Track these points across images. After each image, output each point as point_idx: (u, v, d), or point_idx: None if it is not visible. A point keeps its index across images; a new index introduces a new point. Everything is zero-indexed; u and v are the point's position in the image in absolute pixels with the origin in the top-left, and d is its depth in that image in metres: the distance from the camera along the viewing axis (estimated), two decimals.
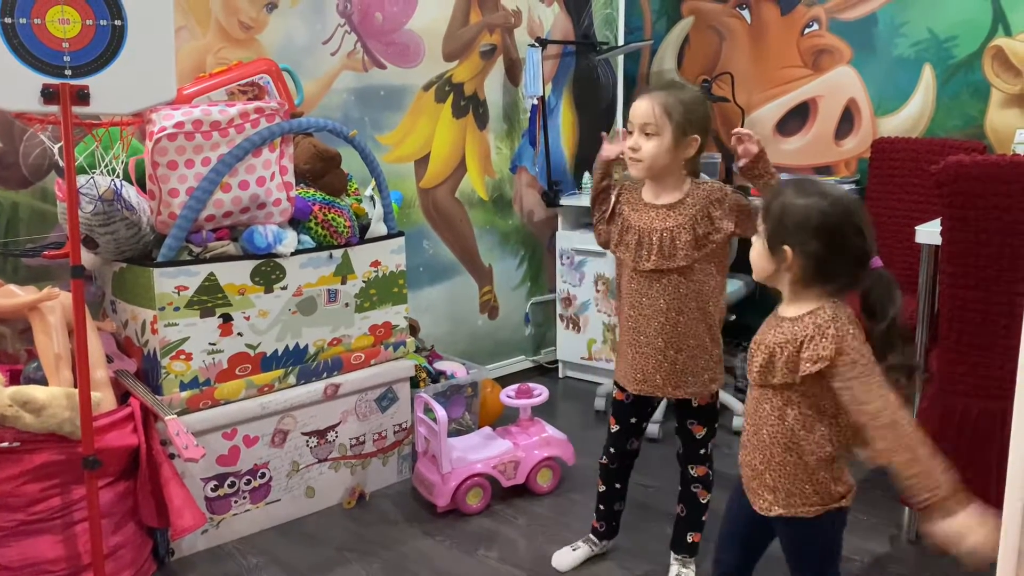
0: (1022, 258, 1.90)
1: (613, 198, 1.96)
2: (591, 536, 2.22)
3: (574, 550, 2.20)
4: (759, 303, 1.71)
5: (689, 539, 2.07)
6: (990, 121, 2.96)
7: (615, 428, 2.07)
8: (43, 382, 1.97)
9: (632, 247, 1.87)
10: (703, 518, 2.05)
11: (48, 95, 1.71)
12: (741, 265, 1.80)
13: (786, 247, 1.37)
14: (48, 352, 1.98)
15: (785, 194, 1.40)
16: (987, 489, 2.02)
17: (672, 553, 2.11)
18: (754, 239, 1.45)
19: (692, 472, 2.02)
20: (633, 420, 2.05)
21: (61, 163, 1.78)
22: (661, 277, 1.85)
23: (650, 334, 1.88)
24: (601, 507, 2.18)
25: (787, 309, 1.43)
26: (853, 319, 1.37)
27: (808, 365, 1.34)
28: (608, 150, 1.97)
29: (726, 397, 3.13)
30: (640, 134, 1.82)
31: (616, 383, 2.04)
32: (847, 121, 3.32)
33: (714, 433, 2.01)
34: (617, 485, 2.14)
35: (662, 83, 1.89)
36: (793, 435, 1.42)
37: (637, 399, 2.00)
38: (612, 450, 2.10)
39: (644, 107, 1.80)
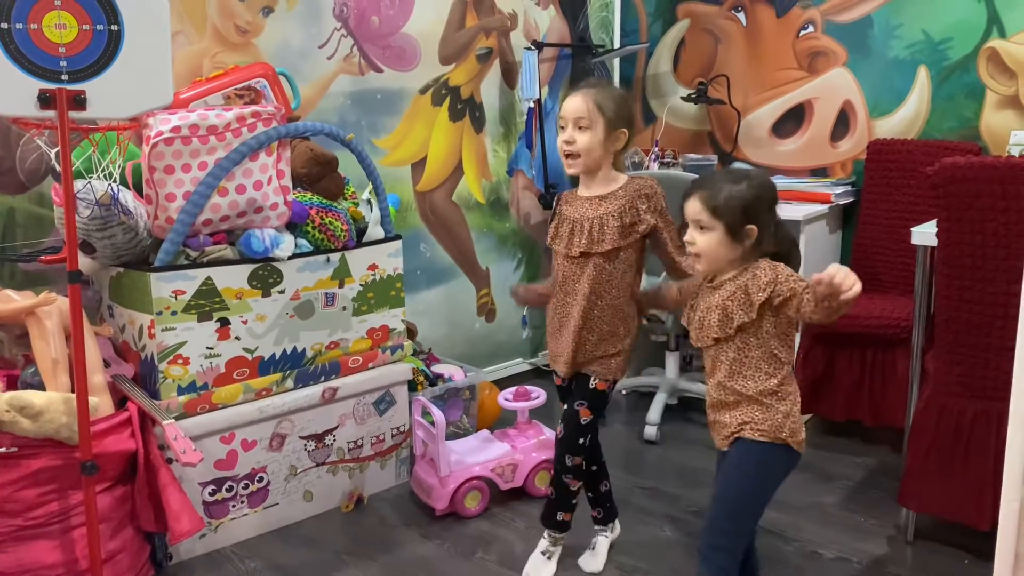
0: (1018, 259, 1.91)
1: (555, 205, 2.08)
2: (596, 528, 2.26)
3: (593, 548, 2.23)
4: None
5: (559, 517, 2.14)
6: (985, 123, 2.97)
7: (564, 407, 2.12)
8: (40, 387, 1.97)
9: (565, 237, 1.99)
10: (573, 501, 2.13)
11: (45, 100, 1.71)
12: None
13: (750, 226, 1.58)
14: (45, 357, 1.98)
15: (722, 187, 1.60)
16: (983, 490, 2.03)
17: (545, 529, 2.17)
18: (700, 237, 1.61)
19: (568, 462, 2.06)
20: None
21: (58, 168, 1.78)
22: (587, 262, 1.96)
23: (573, 316, 2.00)
24: (589, 494, 2.22)
25: (719, 279, 1.65)
26: None
27: (760, 295, 1.56)
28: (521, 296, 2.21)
29: None
30: (574, 128, 1.93)
31: (553, 371, 2.13)
32: (843, 123, 3.32)
33: (595, 427, 2.06)
34: (593, 467, 2.18)
35: (591, 82, 2.04)
36: (743, 373, 1.62)
37: (572, 380, 2.08)
38: None
39: (577, 102, 1.92)
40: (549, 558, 2.17)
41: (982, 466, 2.04)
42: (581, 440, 2.04)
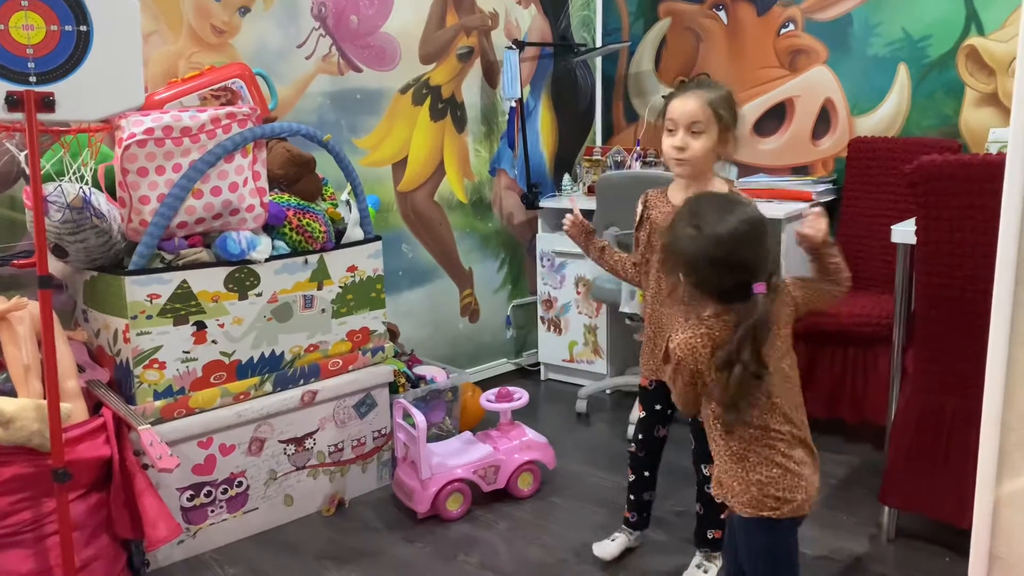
0: (995, 257, 1.91)
1: (640, 208, 2.01)
2: (624, 527, 2.23)
3: (612, 540, 2.21)
4: None
5: (710, 535, 2.09)
6: (964, 120, 2.98)
7: (642, 415, 2.12)
8: (12, 394, 1.94)
9: (658, 249, 1.91)
10: (721, 516, 2.04)
11: (12, 102, 1.68)
12: None
13: (679, 273, 1.51)
14: (17, 363, 1.95)
15: (679, 223, 1.50)
16: (964, 488, 2.03)
17: (696, 548, 2.13)
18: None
19: (705, 471, 2.03)
20: (658, 407, 2.09)
21: (28, 171, 1.75)
22: None
23: (672, 328, 1.93)
24: (631, 497, 2.20)
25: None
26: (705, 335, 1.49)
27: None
28: (571, 227, 2.10)
29: None
30: (687, 133, 1.86)
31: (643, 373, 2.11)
32: (824, 121, 3.33)
33: None
34: (646, 473, 2.16)
35: (702, 82, 1.94)
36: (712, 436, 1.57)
37: (660, 386, 2.04)
38: (640, 436, 2.13)
39: (693, 105, 1.84)
40: (705, 572, 2.09)
41: (963, 464, 2.04)
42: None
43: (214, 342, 2.25)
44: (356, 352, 2.57)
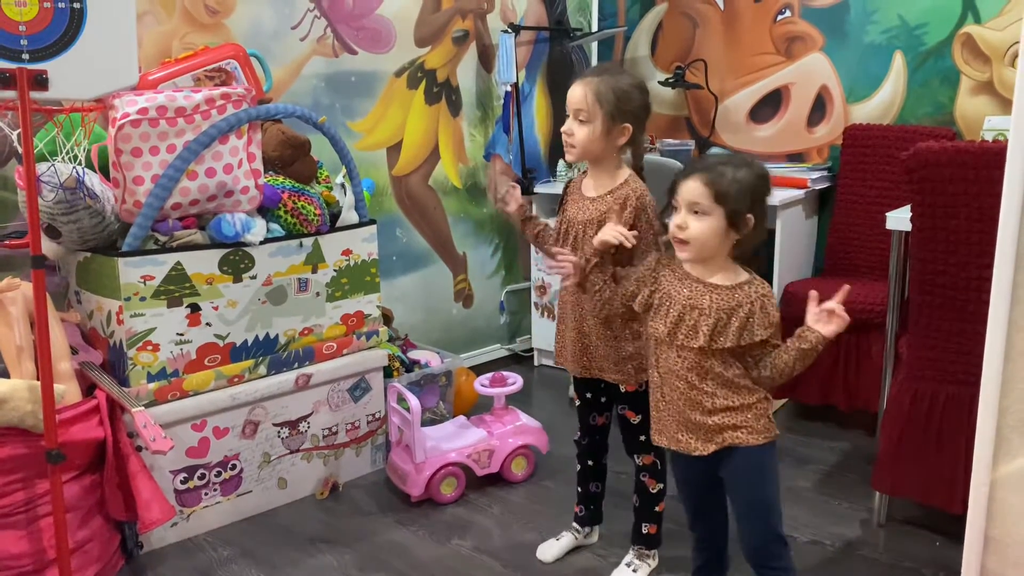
0: (990, 244, 1.90)
1: (563, 193, 1.99)
2: (574, 524, 2.22)
3: (558, 540, 2.20)
4: None
5: (644, 530, 2.06)
6: (959, 108, 2.98)
7: (578, 402, 2.11)
8: (4, 375, 1.92)
9: (562, 236, 1.93)
10: (656, 509, 2.04)
11: (5, 80, 1.66)
12: None
13: (749, 216, 1.53)
14: (9, 344, 1.94)
15: (723, 171, 1.53)
16: (955, 474, 2.05)
17: (631, 544, 2.09)
18: (695, 222, 1.53)
19: (638, 461, 2.02)
20: (588, 395, 2.06)
21: (20, 150, 1.73)
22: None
23: (574, 320, 1.94)
24: (579, 489, 2.19)
25: (714, 276, 1.58)
26: None
27: (761, 331, 1.54)
28: (510, 207, 2.02)
29: None
30: (574, 120, 1.84)
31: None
32: (819, 108, 3.32)
33: (648, 424, 1.95)
34: (589, 462, 2.14)
35: (599, 69, 1.89)
36: (732, 382, 1.57)
37: (591, 380, 2.01)
38: (579, 424, 2.13)
39: (577, 93, 1.82)
40: (635, 571, 2.05)
41: (954, 450, 2.06)
42: (642, 438, 1.96)
43: (208, 324, 2.24)
44: (350, 336, 2.56)
